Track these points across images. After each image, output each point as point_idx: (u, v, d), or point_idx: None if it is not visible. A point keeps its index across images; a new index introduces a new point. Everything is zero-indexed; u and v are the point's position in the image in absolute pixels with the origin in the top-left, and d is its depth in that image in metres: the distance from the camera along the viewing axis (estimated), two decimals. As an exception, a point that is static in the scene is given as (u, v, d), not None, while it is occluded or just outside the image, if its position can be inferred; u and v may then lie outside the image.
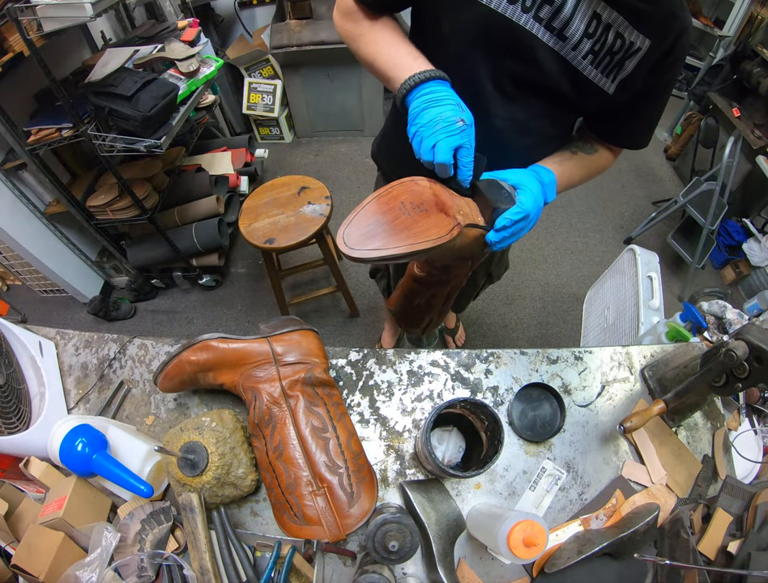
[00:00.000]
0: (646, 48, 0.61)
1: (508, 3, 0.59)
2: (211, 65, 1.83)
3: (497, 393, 0.81)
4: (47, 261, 1.93)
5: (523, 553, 0.54)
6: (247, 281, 2.32)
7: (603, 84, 0.64)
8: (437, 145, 0.57)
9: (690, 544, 0.62)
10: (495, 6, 0.60)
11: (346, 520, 0.68)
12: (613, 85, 0.65)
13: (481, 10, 0.60)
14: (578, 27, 0.60)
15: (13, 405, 0.73)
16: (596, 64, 0.62)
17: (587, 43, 0.61)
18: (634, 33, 0.60)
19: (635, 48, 0.61)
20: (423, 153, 0.59)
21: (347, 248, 0.54)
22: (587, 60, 0.62)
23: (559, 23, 0.59)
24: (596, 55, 0.62)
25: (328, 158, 2.91)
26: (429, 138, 0.57)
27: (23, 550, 0.62)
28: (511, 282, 2.20)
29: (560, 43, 0.61)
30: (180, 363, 0.74)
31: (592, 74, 0.63)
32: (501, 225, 0.60)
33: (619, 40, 0.60)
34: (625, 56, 0.62)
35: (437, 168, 0.60)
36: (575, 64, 0.62)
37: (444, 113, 0.57)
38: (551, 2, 0.58)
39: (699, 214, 2.05)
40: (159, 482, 0.74)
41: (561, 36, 0.60)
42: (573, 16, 0.59)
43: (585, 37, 0.60)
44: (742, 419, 0.82)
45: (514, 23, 0.60)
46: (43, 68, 1.34)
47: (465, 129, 0.58)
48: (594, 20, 0.59)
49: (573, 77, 0.63)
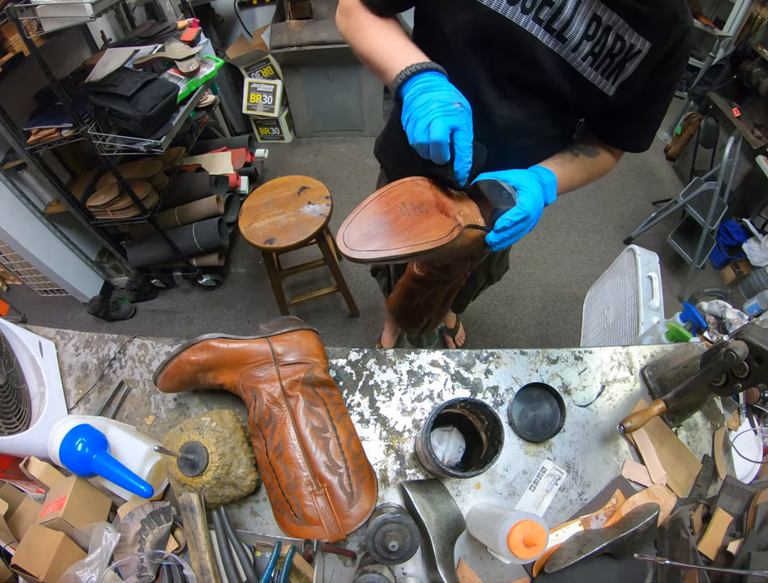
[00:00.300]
0: (646, 51, 0.61)
1: (508, 4, 0.59)
2: (211, 65, 1.83)
3: (497, 393, 0.81)
4: (47, 261, 1.93)
5: (523, 553, 0.54)
6: (247, 281, 2.32)
7: (603, 86, 0.64)
8: (431, 123, 0.54)
9: (690, 544, 0.62)
10: (495, 6, 0.60)
11: (346, 520, 0.68)
12: (613, 87, 0.65)
13: (481, 11, 0.60)
14: (577, 29, 0.59)
15: (13, 405, 0.73)
16: (596, 66, 0.62)
17: (587, 45, 0.60)
18: (634, 36, 0.60)
19: (635, 50, 0.61)
20: (417, 134, 0.56)
21: (347, 248, 0.54)
22: (587, 62, 0.62)
23: (559, 24, 0.59)
24: (596, 57, 0.61)
25: (328, 158, 2.91)
26: (424, 118, 0.55)
27: (23, 550, 0.62)
28: (511, 283, 2.21)
29: (560, 44, 0.61)
30: (180, 363, 0.74)
31: (592, 76, 0.63)
32: (502, 226, 0.60)
33: (619, 43, 0.60)
34: (626, 58, 0.62)
35: (432, 150, 0.56)
36: (575, 66, 0.62)
37: (440, 96, 0.55)
38: (551, 4, 0.58)
39: (699, 214, 2.05)
40: (159, 483, 0.74)
41: (561, 38, 0.60)
42: (573, 18, 0.59)
43: (585, 39, 0.60)
44: (742, 419, 0.82)
45: (514, 24, 0.60)
46: (43, 68, 1.34)
47: (462, 111, 0.55)
48: (594, 22, 0.59)
49: (573, 78, 0.63)
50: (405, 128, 0.59)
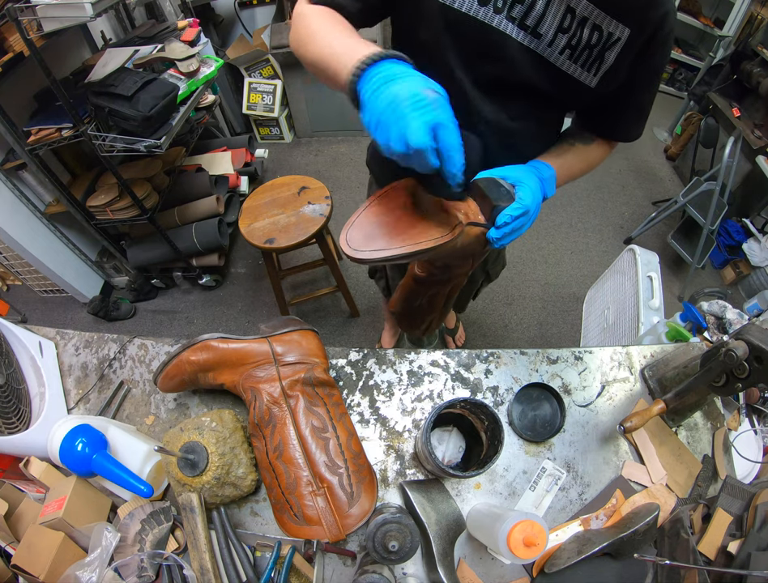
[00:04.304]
0: (625, 38, 0.60)
1: (479, 6, 0.59)
2: (211, 66, 1.83)
3: (497, 393, 0.81)
4: (47, 261, 1.93)
5: (523, 553, 0.54)
6: (247, 281, 2.32)
7: (585, 78, 0.64)
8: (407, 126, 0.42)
9: (690, 544, 0.62)
10: (467, 9, 0.60)
11: (346, 520, 0.68)
12: (596, 78, 0.64)
13: (453, 14, 0.60)
14: (551, 24, 0.59)
15: (13, 405, 0.73)
16: (575, 59, 0.62)
17: (563, 38, 0.60)
18: (613, 23, 0.59)
19: (614, 38, 0.60)
20: (393, 143, 0.44)
21: (350, 249, 0.54)
22: (565, 55, 0.62)
23: (532, 20, 0.59)
24: (574, 49, 0.61)
25: (328, 158, 2.91)
26: (396, 122, 0.43)
27: (23, 550, 0.62)
28: (511, 282, 2.21)
29: (535, 41, 0.61)
30: (180, 363, 0.74)
31: (571, 69, 0.63)
32: (503, 222, 0.60)
33: (596, 33, 0.60)
34: (605, 47, 0.61)
35: (416, 160, 0.45)
36: (552, 60, 0.62)
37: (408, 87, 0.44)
38: (521, 1, 0.58)
39: (699, 214, 2.05)
40: (159, 483, 0.74)
41: (536, 34, 0.60)
42: (546, 13, 0.59)
43: (559, 32, 0.60)
44: (742, 419, 0.82)
45: (487, 24, 0.60)
46: (43, 68, 1.34)
47: (438, 100, 0.45)
48: (568, 14, 0.59)
49: (552, 74, 0.63)
50: (373, 135, 0.47)
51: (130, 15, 2.14)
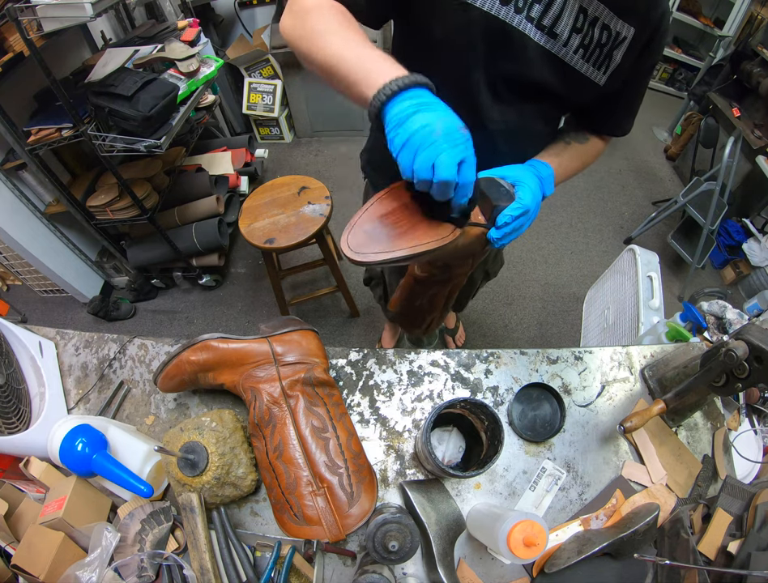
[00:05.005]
0: (631, 37, 0.62)
1: (501, 5, 0.60)
2: (211, 66, 1.83)
3: (497, 393, 0.81)
4: (47, 261, 1.93)
5: (523, 553, 0.54)
6: (247, 281, 2.32)
7: (595, 77, 0.66)
8: (439, 158, 0.45)
9: (690, 544, 0.62)
10: (488, 8, 0.60)
11: (346, 520, 0.68)
12: (605, 77, 0.66)
13: (474, 13, 0.60)
14: (567, 24, 0.61)
15: (13, 405, 0.73)
16: (587, 58, 0.64)
17: (576, 38, 0.62)
18: (620, 23, 0.61)
19: (621, 37, 0.63)
20: (418, 169, 0.46)
21: (351, 252, 0.54)
22: (578, 54, 0.63)
23: (549, 20, 0.60)
24: (586, 49, 0.63)
25: (328, 158, 2.91)
26: (428, 150, 0.45)
27: (23, 550, 0.62)
28: (511, 282, 2.20)
29: (551, 41, 0.62)
30: (180, 363, 0.74)
31: (584, 69, 0.65)
32: (503, 222, 0.60)
33: (606, 32, 0.62)
34: (613, 46, 0.63)
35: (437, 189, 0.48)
36: (567, 60, 0.63)
37: (441, 120, 0.46)
38: (540, 1, 0.59)
39: (699, 214, 2.05)
40: (159, 483, 0.74)
41: (552, 34, 0.61)
42: (562, 13, 0.60)
43: (574, 32, 0.61)
44: (742, 419, 0.82)
45: (508, 24, 0.60)
46: (43, 68, 1.34)
47: (468, 139, 0.47)
48: (581, 15, 0.60)
49: (566, 73, 0.65)
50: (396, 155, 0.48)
51: (130, 15, 2.14)
